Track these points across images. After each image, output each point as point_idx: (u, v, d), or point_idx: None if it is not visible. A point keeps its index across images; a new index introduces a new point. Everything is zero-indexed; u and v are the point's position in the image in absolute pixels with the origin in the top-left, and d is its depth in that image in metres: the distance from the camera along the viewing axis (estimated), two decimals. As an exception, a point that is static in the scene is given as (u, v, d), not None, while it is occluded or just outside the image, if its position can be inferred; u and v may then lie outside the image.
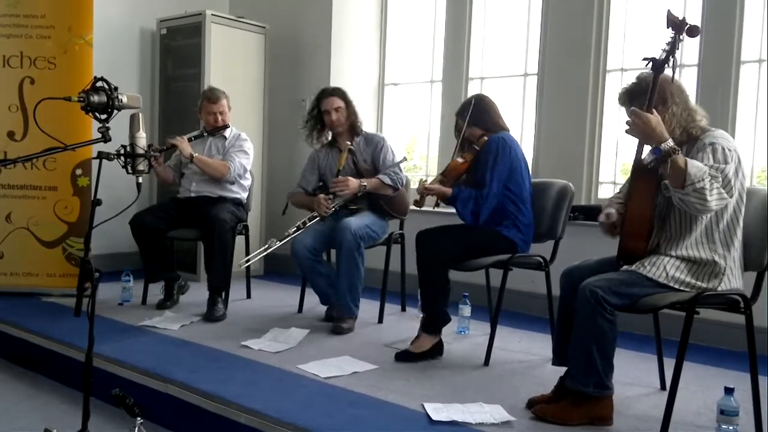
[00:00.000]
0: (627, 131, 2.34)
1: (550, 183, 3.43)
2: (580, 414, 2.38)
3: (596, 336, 2.31)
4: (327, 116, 3.85)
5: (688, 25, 2.30)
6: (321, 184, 3.93)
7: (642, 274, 2.35)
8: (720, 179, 2.22)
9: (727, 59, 3.68)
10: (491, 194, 3.16)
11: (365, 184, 3.69)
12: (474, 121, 3.27)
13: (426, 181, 3.30)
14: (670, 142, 2.21)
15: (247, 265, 4.02)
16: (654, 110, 2.30)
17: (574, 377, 2.39)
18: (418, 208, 3.28)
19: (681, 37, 2.31)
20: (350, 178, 3.68)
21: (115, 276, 4.22)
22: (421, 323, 3.20)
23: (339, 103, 3.83)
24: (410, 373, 2.92)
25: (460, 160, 3.26)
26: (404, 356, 3.13)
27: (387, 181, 3.73)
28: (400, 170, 3.81)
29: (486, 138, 3.25)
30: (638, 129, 2.29)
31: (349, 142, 3.80)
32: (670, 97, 2.37)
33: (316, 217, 3.68)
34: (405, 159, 3.90)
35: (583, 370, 2.36)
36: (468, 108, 3.30)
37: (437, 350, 3.18)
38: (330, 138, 3.98)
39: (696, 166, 2.19)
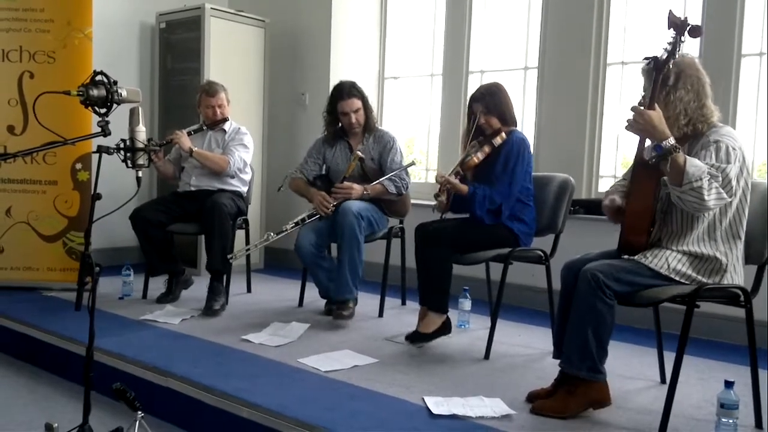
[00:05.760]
0: (626, 128, 2.33)
1: (551, 177, 3.44)
2: (576, 402, 2.39)
3: (594, 320, 2.32)
4: (345, 118, 3.74)
5: (689, 26, 2.29)
6: (323, 173, 3.91)
7: (644, 264, 2.35)
8: (720, 179, 2.21)
9: (728, 52, 3.67)
10: (511, 197, 3.17)
11: (368, 192, 3.66)
12: (493, 111, 3.23)
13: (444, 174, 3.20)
14: (672, 140, 2.20)
15: (246, 254, 3.99)
16: (656, 105, 2.29)
17: (569, 360, 2.41)
18: (437, 202, 3.18)
19: (682, 38, 2.30)
20: (354, 185, 3.64)
21: (115, 270, 4.22)
22: (427, 304, 3.18)
23: (358, 104, 3.72)
24: (411, 367, 2.93)
25: (480, 156, 3.20)
26: (415, 337, 3.14)
27: (392, 189, 3.71)
28: (407, 174, 3.78)
29: (504, 133, 3.22)
30: (639, 127, 2.27)
31: (360, 152, 3.72)
32: (682, 80, 2.34)
33: (314, 215, 3.66)
34: (413, 163, 3.84)
35: (578, 352, 2.37)
36: (490, 96, 3.24)
37: (446, 328, 3.20)
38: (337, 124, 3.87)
39: (695, 165, 2.17)
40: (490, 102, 3.23)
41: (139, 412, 2.19)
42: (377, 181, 3.69)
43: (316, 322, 3.62)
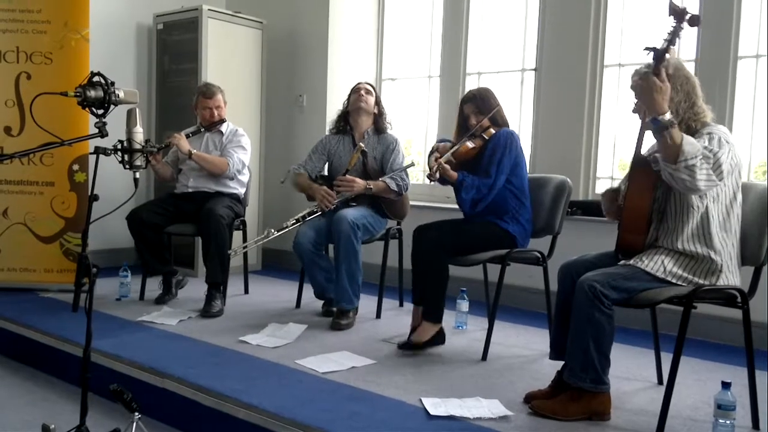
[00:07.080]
0: (631, 87, 2.34)
1: (548, 178, 3.44)
2: (577, 409, 2.38)
3: (594, 331, 2.31)
4: (354, 94, 3.87)
5: (689, 15, 2.30)
6: (325, 174, 3.92)
7: (640, 269, 2.35)
8: (711, 161, 2.21)
9: (725, 54, 3.68)
10: (495, 187, 3.19)
11: (371, 186, 3.68)
12: (484, 112, 3.28)
13: (439, 156, 3.24)
14: (669, 115, 2.21)
15: (245, 251, 3.98)
16: None
17: (572, 371, 2.40)
18: (431, 179, 3.25)
19: (682, 25, 2.31)
20: (357, 179, 3.67)
21: (112, 271, 4.21)
22: (422, 312, 3.19)
23: (371, 90, 3.91)
24: (408, 368, 2.93)
25: (471, 145, 3.26)
26: (407, 347, 3.14)
27: (393, 186, 3.72)
28: (407, 175, 3.80)
29: (492, 130, 3.28)
30: (644, 90, 2.25)
31: (362, 144, 3.76)
32: (671, 81, 2.32)
33: (315, 212, 3.68)
34: (413, 164, 3.87)
35: (580, 364, 2.36)
36: (481, 98, 3.31)
37: (439, 338, 3.21)
38: (346, 122, 3.95)
39: (691, 143, 2.19)
40: (481, 103, 3.30)
41: (136, 414, 2.18)
42: (380, 179, 3.71)
43: (313, 324, 3.62)
